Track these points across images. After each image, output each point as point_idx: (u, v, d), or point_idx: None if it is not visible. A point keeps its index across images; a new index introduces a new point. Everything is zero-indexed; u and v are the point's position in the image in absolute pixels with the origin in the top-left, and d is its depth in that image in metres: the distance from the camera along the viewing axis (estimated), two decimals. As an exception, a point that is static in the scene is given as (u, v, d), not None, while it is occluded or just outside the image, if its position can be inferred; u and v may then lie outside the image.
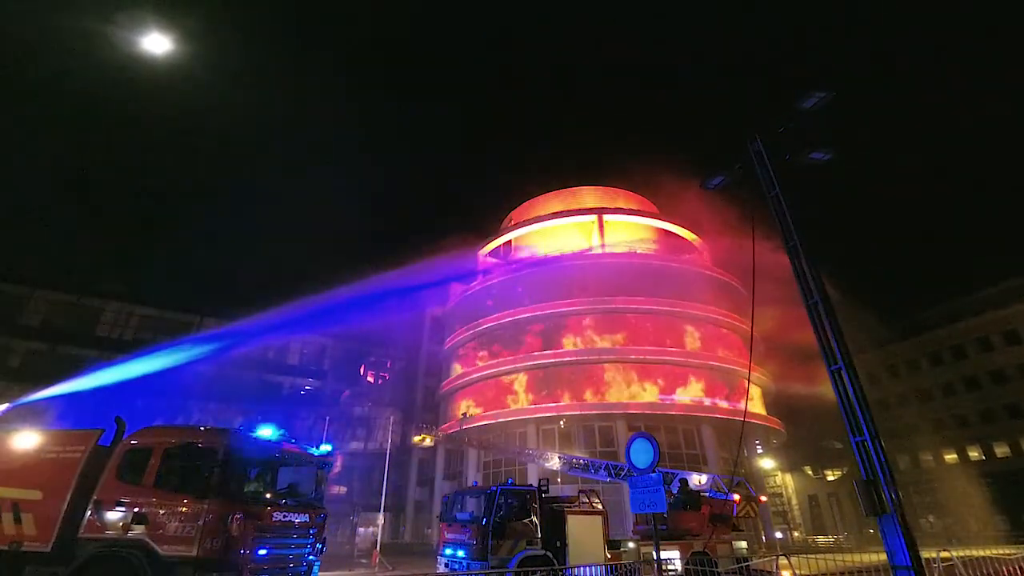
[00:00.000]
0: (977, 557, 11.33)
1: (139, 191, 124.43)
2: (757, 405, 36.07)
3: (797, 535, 38.43)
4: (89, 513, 8.37)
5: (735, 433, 27.73)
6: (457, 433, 34.20)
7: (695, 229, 43.53)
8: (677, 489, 16.75)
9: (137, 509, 8.13)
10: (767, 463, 37.72)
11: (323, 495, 10.27)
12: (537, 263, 39.30)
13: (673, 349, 34.64)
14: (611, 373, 33.49)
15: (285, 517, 8.91)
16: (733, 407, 32.41)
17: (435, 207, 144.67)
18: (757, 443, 36.74)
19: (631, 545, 14.67)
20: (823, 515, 49.23)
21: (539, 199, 46.75)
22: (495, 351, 37.32)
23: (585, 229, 41.69)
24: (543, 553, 12.23)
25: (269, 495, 9.24)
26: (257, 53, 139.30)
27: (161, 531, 7.91)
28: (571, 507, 13.38)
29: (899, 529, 7.10)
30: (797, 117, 9.87)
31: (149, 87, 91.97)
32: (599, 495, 14.69)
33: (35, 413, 19.35)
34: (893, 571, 7.14)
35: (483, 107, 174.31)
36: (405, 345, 45.99)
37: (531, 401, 33.96)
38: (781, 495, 40.21)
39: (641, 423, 30.34)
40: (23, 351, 34.31)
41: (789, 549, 28.27)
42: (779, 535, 34.36)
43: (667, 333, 35.26)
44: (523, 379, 35.13)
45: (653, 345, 34.30)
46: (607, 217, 41.28)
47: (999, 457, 46.00)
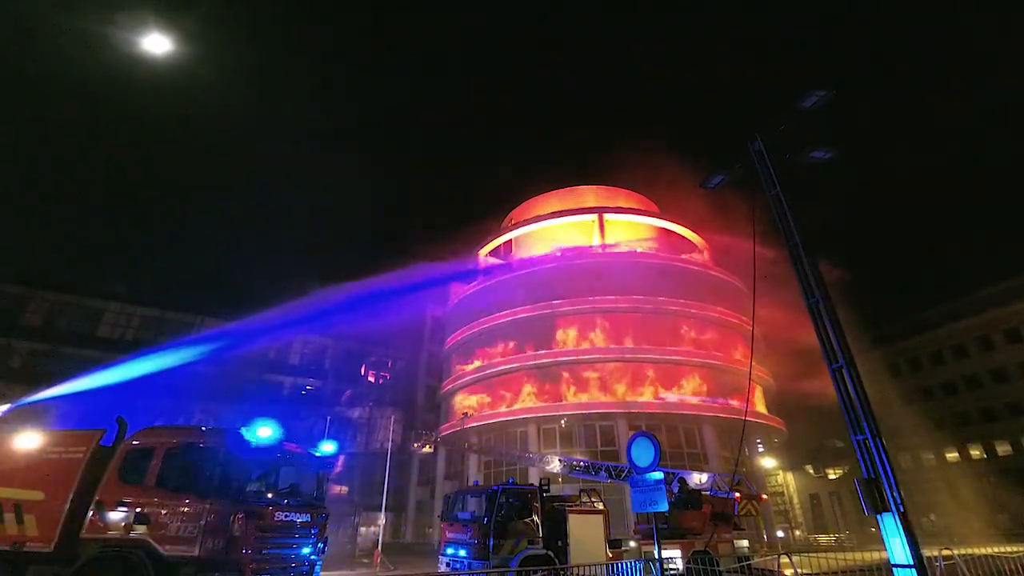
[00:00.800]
0: (979, 555, 11.33)
1: (139, 191, 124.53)
2: (758, 404, 36.05)
3: (799, 534, 38.36)
4: (91, 513, 8.38)
5: (736, 432, 27.70)
6: (457, 433, 34.21)
7: (696, 228, 43.51)
8: (678, 488, 16.73)
9: (139, 509, 8.15)
10: (768, 462, 37.67)
11: (325, 495, 10.27)
12: (537, 262, 39.30)
13: (674, 348, 34.60)
14: (612, 372, 33.47)
15: (287, 517, 8.91)
16: (734, 406, 32.38)
17: (435, 207, 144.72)
18: (758, 442, 36.71)
19: (632, 544, 14.70)
20: (825, 514, 49.15)
21: (539, 198, 46.73)
22: (496, 350, 37.31)
23: (586, 228, 41.67)
24: (544, 552, 12.23)
25: (271, 495, 9.23)
26: (257, 53, 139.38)
27: (163, 531, 7.93)
28: (572, 506, 13.37)
29: (901, 528, 7.10)
30: (797, 116, 9.87)
31: (149, 87, 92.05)
32: (600, 494, 14.70)
33: (37, 414, 19.34)
34: (895, 570, 7.14)
35: (483, 107, 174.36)
36: (406, 345, 46.03)
37: (532, 400, 33.96)
38: (782, 494, 40.11)
39: (642, 422, 30.34)
40: (25, 351, 34.37)
41: (791, 548, 28.18)
42: (780, 534, 34.28)
43: (668, 332, 35.22)
44: (524, 378, 35.13)
45: (654, 344, 34.27)
46: (608, 216, 41.26)
47: (1000, 455, 46.05)
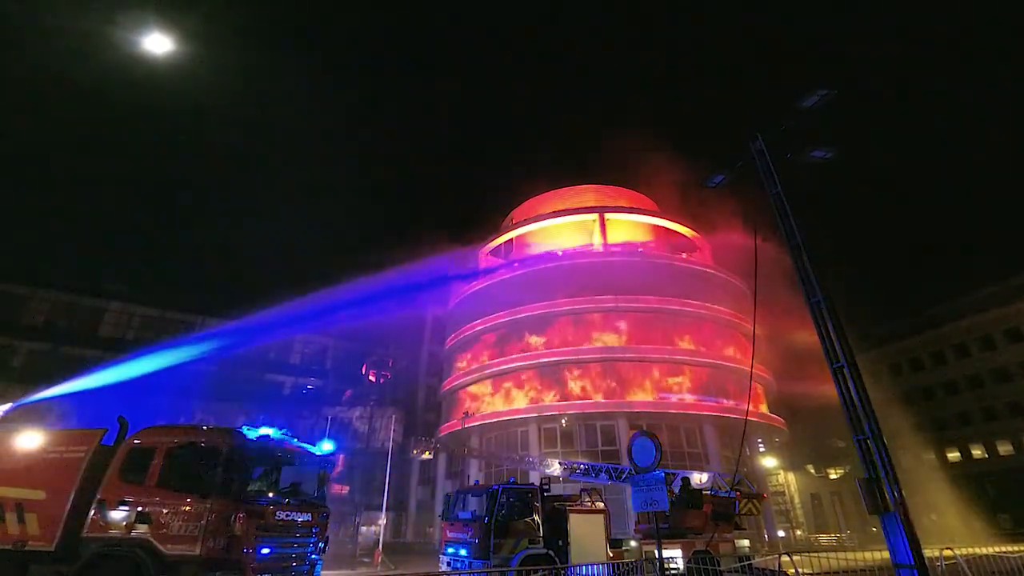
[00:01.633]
0: (980, 555, 11.32)
1: (140, 191, 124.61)
2: (759, 403, 36.02)
3: (800, 534, 38.32)
4: (93, 512, 8.39)
5: (737, 432, 27.66)
6: (458, 433, 34.16)
7: (697, 227, 43.48)
8: (679, 488, 16.72)
9: (140, 508, 8.16)
10: (769, 462, 37.67)
11: (326, 494, 10.28)
12: (538, 261, 39.27)
13: (675, 347, 34.60)
14: (613, 371, 33.45)
15: (288, 516, 8.93)
16: (735, 406, 32.34)
17: (436, 207, 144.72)
18: (759, 442, 36.68)
19: (633, 544, 14.68)
20: (826, 513, 49.06)
21: (540, 198, 46.69)
22: (496, 350, 37.29)
23: (586, 228, 41.63)
24: (545, 552, 12.24)
25: (272, 494, 9.24)
26: (257, 53, 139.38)
27: (164, 530, 7.93)
28: (573, 506, 13.37)
29: (902, 527, 7.10)
30: (798, 115, 9.86)
31: (150, 87, 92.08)
32: (601, 494, 14.68)
33: (38, 413, 19.39)
34: (896, 569, 7.13)
35: (484, 107, 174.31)
36: (407, 344, 46.00)
37: (532, 400, 33.90)
38: (783, 494, 40.09)
39: (643, 422, 30.29)
40: (26, 351, 34.47)
41: (792, 547, 28.19)
42: (781, 533, 34.27)
43: (669, 331, 35.20)
44: (525, 378, 35.10)
45: (655, 343, 34.24)
46: (608, 215, 41.21)
47: (1002, 455, 45.96)
